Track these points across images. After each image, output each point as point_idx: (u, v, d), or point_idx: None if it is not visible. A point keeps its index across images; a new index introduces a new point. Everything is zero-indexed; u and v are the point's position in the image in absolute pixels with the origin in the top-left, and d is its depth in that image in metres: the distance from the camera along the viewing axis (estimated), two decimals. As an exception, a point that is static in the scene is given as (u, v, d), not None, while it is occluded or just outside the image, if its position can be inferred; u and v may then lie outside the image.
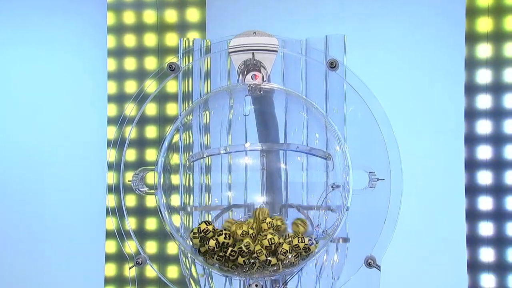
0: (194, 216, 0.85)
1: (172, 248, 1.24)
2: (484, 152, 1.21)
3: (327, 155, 0.81)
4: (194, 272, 0.84)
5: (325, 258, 0.82)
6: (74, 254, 1.34)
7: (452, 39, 1.23)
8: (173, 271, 1.23)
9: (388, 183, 0.79)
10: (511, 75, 1.20)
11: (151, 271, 1.22)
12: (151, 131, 1.28)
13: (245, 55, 0.80)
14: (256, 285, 0.76)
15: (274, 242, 0.74)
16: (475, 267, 1.20)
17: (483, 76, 1.21)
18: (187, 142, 0.86)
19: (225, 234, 0.74)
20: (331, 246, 0.82)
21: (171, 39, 1.29)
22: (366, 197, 0.80)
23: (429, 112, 1.25)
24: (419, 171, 1.20)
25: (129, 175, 0.82)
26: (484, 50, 1.20)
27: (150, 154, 1.27)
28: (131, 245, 0.83)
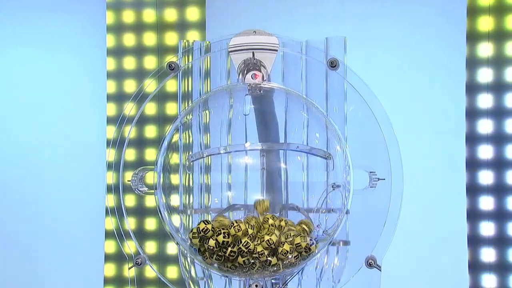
0: (194, 217, 0.85)
1: (172, 248, 1.23)
2: (485, 152, 1.20)
3: (328, 154, 0.81)
4: (194, 273, 0.84)
5: (326, 261, 0.82)
6: (73, 254, 1.33)
7: (453, 38, 1.23)
8: (172, 271, 1.23)
9: (389, 183, 0.78)
10: (513, 74, 1.20)
11: (150, 271, 1.22)
12: (150, 131, 1.28)
13: (245, 54, 0.80)
14: (256, 286, 0.76)
15: (273, 242, 0.74)
16: (476, 267, 1.20)
17: (484, 75, 1.21)
18: (187, 141, 0.85)
19: (224, 233, 0.74)
20: (332, 249, 0.82)
21: (171, 38, 1.29)
22: (366, 197, 0.80)
23: (430, 112, 1.25)
24: (420, 170, 1.20)
25: (129, 175, 0.82)
26: (486, 49, 1.20)
27: (150, 153, 1.27)
28: (131, 245, 0.83)
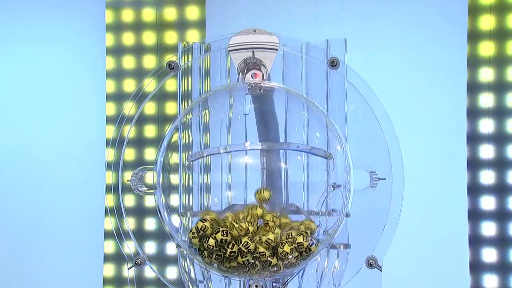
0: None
1: (172, 249, 1.23)
2: (487, 151, 1.20)
3: (328, 154, 0.81)
4: (193, 275, 0.84)
5: (326, 264, 0.82)
6: (73, 254, 1.33)
7: (454, 37, 1.23)
8: (172, 271, 1.22)
9: (390, 182, 0.79)
10: (514, 73, 1.20)
11: (150, 271, 1.21)
12: (150, 130, 1.28)
13: (245, 53, 0.80)
14: (256, 286, 0.76)
15: (272, 241, 0.73)
16: (477, 267, 1.20)
17: (486, 74, 1.20)
18: (187, 141, 0.85)
19: (223, 231, 0.74)
20: (332, 252, 0.82)
21: (170, 37, 1.28)
22: (367, 197, 0.80)
23: (431, 111, 1.24)
24: (420, 170, 1.20)
25: (128, 175, 0.82)
26: (487, 48, 1.20)
27: (149, 153, 1.27)
28: (130, 246, 0.83)
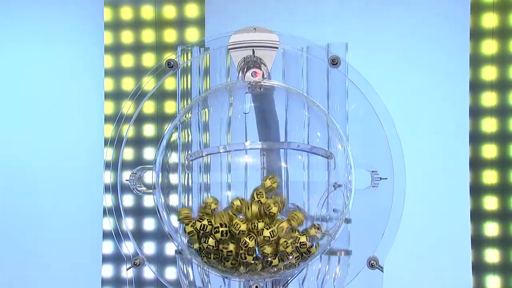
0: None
1: (171, 249, 1.23)
2: (490, 151, 1.20)
3: (329, 153, 0.81)
4: (192, 278, 0.84)
5: (327, 270, 0.82)
6: (71, 254, 1.33)
7: (457, 35, 1.23)
8: (171, 272, 1.22)
9: (391, 182, 0.79)
10: (517, 72, 1.20)
11: (149, 272, 1.21)
12: (149, 129, 1.27)
13: (245, 51, 0.80)
14: (257, 287, 0.76)
15: (273, 236, 0.73)
16: (480, 268, 1.19)
17: (489, 73, 1.20)
18: (186, 140, 0.85)
19: (222, 231, 0.73)
20: (333, 259, 0.82)
21: (170, 35, 1.28)
22: (368, 196, 0.80)
23: (433, 110, 1.24)
24: (422, 170, 1.20)
25: (127, 175, 0.82)
26: (490, 47, 1.20)
27: (148, 153, 1.26)
28: (129, 246, 0.83)
